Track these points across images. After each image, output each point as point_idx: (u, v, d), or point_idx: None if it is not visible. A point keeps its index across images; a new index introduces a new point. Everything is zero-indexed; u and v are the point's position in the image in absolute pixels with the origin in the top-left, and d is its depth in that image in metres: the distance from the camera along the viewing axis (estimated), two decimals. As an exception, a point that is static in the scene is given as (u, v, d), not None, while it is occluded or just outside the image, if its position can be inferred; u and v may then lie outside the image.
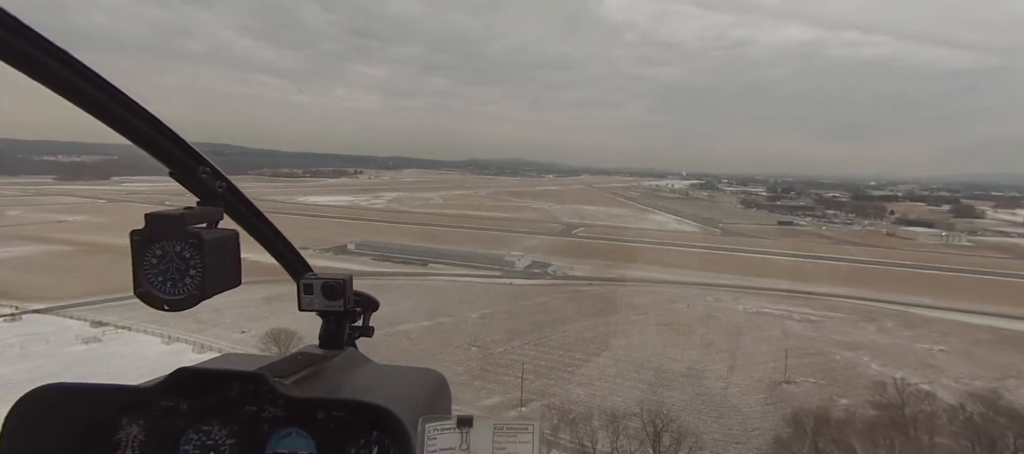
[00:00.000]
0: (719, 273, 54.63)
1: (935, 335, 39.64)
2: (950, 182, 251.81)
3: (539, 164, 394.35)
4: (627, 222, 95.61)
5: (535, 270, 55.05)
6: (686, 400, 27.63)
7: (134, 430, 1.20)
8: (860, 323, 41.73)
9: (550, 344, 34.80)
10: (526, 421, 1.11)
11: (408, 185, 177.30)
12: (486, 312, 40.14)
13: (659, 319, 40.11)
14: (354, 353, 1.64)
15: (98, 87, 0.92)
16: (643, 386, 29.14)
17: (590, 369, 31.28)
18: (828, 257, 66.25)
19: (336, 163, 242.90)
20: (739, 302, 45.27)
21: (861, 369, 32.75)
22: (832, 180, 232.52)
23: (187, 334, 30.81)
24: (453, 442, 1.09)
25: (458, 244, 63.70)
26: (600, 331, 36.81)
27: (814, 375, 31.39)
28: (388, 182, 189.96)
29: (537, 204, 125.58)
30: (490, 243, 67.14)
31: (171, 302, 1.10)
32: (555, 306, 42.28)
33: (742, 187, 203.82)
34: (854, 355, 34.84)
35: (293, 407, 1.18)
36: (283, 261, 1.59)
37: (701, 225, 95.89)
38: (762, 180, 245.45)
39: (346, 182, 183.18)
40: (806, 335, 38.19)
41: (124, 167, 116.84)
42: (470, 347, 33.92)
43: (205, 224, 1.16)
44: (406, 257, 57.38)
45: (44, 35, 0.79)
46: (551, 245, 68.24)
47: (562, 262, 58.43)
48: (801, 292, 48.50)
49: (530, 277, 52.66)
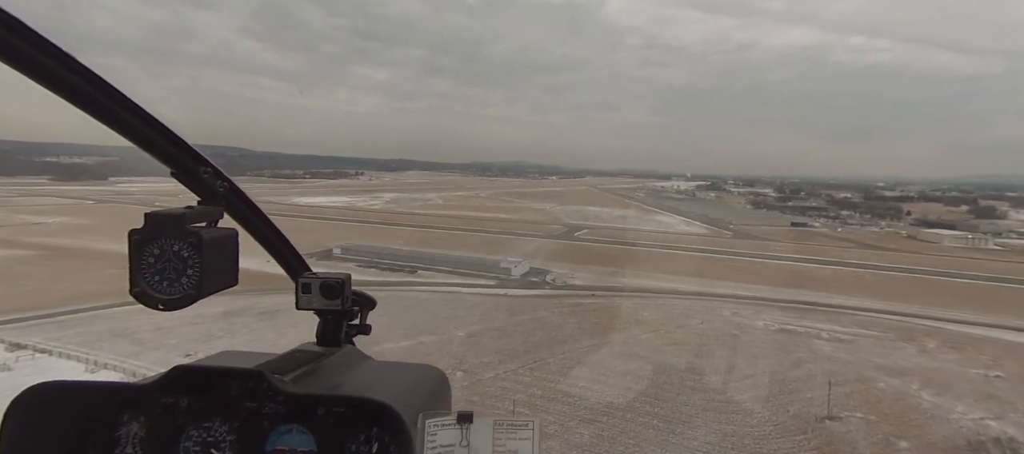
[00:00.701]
0: (734, 282, 49.66)
1: (986, 358, 34.52)
2: (960, 182, 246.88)
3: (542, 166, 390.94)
4: (632, 224, 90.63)
5: (533, 279, 50.24)
6: (712, 443, 22.78)
7: (134, 427, 1.20)
8: (899, 343, 36.62)
9: (547, 369, 30.00)
10: (527, 418, 1.12)
11: (408, 186, 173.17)
12: (475, 329, 35.36)
13: (671, 337, 35.21)
14: (353, 350, 1.64)
15: (100, 89, 0.92)
16: (658, 423, 24.31)
17: (594, 400, 26.45)
18: (848, 263, 60.93)
19: (338, 165, 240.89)
20: (759, 317, 40.27)
21: (912, 400, 27.73)
22: (838, 181, 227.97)
23: (121, 358, 26.24)
24: (453, 438, 1.10)
25: (452, 248, 58.98)
26: (604, 354, 31.95)
27: (860, 408, 26.40)
28: (388, 183, 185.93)
29: (539, 205, 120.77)
30: (486, 247, 62.41)
31: (166, 301, 1.09)
32: (554, 322, 37.42)
33: (748, 188, 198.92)
34: (900, 383, 29.80)
35: (293, 403, 1.18)
36: (282, 260, 1.60)
37: (710, 226, 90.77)
38: (768, 181, 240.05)
39: (346, 183, 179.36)
40: (841, 358, 33.17)
41: (123, 168, 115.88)
42: (455, 371, 29.12)
43: (205, 223, 1.16)
44: (394, 263, 52.72)
45: (47, 38, 0.78)
46: (552, 249, 63.38)
47: (563, 269, 53.60)
48: (826, 305, 43.44)
49: (527, 287, 47.86)
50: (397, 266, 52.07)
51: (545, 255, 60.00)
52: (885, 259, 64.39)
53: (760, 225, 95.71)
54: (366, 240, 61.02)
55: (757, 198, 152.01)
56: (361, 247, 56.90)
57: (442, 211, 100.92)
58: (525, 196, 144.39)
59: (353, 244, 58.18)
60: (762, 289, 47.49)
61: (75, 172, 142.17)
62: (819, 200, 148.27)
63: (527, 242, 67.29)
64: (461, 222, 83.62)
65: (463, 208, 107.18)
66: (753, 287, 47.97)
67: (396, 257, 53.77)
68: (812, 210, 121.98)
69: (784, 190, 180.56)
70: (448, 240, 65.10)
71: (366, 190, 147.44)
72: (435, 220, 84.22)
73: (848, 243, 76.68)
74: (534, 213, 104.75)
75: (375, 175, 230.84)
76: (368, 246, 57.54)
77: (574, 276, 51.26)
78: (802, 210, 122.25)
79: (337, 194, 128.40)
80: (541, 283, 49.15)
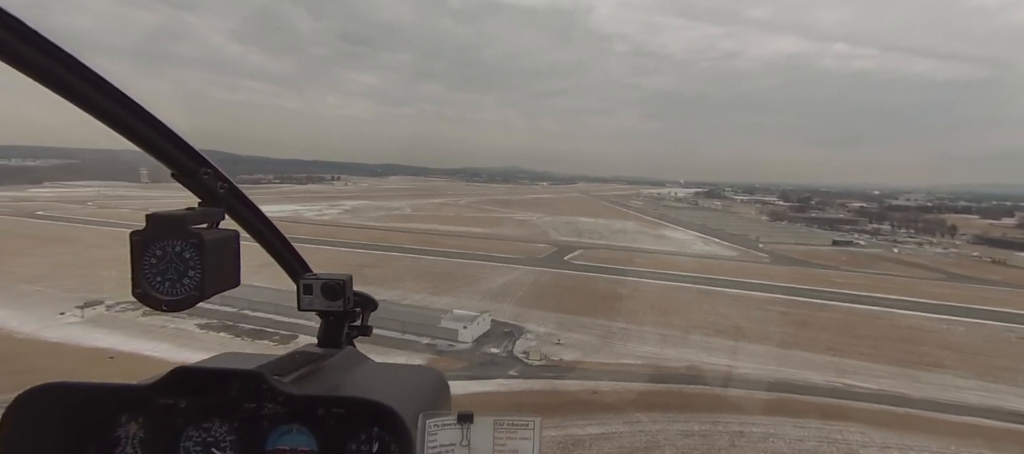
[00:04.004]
0: (830, 357, 29.02)
1: None
2: (960, 191, 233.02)
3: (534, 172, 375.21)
4: (637, 241, 69.99)
5: (493, 349, 29.29)
6: None
7: (134, 427, 1.18)
8: None
9: None
10: (527, 418, 1.09)
11: (383, 193, 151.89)
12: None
13: None
14: (353, 352, 1.59)
15: (101, 90, 0.90)
16: None
17: None
18: (975, 310, 39.21)
19: (325, 170, 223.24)
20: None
21: None
22: (831, 188, 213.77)
23: None
24: (454, 438, 1.07)
25: (385, 285, 38.01)
26: None
27: None
28: (363, 189, 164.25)
29: (523, 215, 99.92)
30: (437, 283, 41.54)
31: (169, 302, 1.07)
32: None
33: (749, 195, 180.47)
34: None
35: (293, 404, 1.16)
36: (282, 262, 1.56)
37: (735, 245, 70.30)
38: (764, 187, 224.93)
39: (314, 189, 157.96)
40: None
41: (82, 171, 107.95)
42: None
43: (206, 224, 1.14)
44: (274, 318, 31.68)
45: (47, 38, 0.77)
46: (531, 286, 42.53)
47: (545, 323, 32.89)
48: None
49: (481, 366, 26.95)
50: (273, 325, 31.08)
51: (520, 295, 39.21)
52: (1017, 301, 43.10)
53: (793, 243, 75.46)
54: (259, 274, 39.82)
55: (768, 208, 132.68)
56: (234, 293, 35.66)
57: (404, 224, 79.74)
58: (510, 205, 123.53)
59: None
60: (882, 377, 26.92)
61: (9, 175, 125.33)
62: (835, 210, 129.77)
63: (498, 272, 46.40)
64: (419, 240, 62.63)
65: (431, 219, 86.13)
66: (863, 374, 27.30)
67: (278, 309, 32.60)
68: (838, 223, 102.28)
69: (790, 198, 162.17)
70: (386, 271, 44.04)
71: (331, 197, 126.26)
72: (386, 237, 63.11)
73: (934, 273, 55.65)
74: (517, 226, 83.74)
75: (354, 180, 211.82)
76: (250, 288, 36.39)
77: (562, 340, 30.43)
78: (828, 223, 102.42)
79: (292, 201, 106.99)
80: (506, 357, 28.25)
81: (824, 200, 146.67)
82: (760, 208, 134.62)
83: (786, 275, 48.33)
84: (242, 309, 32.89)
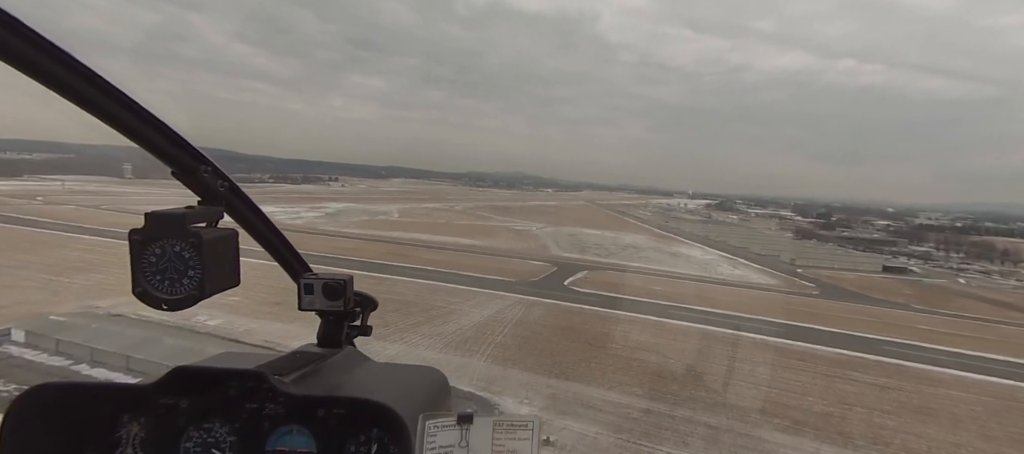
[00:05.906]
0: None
1: None
2: (976, 209, 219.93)
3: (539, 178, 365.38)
4: (653, 262, 58.37)
5: None
6: None
7: (134, 428, 1.16)
8: None
9: None
10: (526, 418, 1.08)
11: (377, 195, 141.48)
12: None
13: None
14: (353, 352, 1.58)
15: (101, 89, 0.89)
16: None
17: None
18: None
19: (330, 171, 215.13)
20: None
21: None
22: (838, 202, 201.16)
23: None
24: (453, 439, 1.05)
25: (309, 319, 26.80)
26: None
27: None
28: (358, 191, 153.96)
29: (523, 225, 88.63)
30: (391, 317, 30.28)
31: (170, 302, 1.06)
32: None
33: (761, 209, 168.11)
34: None
35: (293, 404, 1.15)
36: (282, 261, 1.54)
37: (767, 269, 58.44)
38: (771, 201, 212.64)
39: (307, 190, 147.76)
40: None
41: (76, 166, 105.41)
42: None
43: (205, 223, 1.12)
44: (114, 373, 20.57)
45: (47, 38, 0.76)
46: (516, 324, 31.08)
47: (528, 398, 21.51)
48: None
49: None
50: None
51: (500, 341, 27.73)
52: None
53: (835, 267, 63.47)
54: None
55: (788, 223, 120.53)
56: (89, 325, 24.70)
57: (384, 232, 68.74)
58: (510, 212, 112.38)
59: (78, 316, 26.14)
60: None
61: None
62: (861, 227, 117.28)
63: (477, 303, 35.05)
64: (393, 253, 51.53)
65: (417, 227, 75.10)
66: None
67: (140, 368, 21.50)
68: (874, 244, 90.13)
69: (808, 213, 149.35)
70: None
71: (319, 198, 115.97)
72: (356, 248, 52.03)
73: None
74: (513, 238, 72.44)
75: (354, 182, 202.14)
76: (108, 317, 25.42)
77: (556, 437, 19.02)
78: (862, 243, 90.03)
79: (276, 203, 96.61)
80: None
81: (846, 216, 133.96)
82: (779, 223, 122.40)
83: (851, 318, 36.48)
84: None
